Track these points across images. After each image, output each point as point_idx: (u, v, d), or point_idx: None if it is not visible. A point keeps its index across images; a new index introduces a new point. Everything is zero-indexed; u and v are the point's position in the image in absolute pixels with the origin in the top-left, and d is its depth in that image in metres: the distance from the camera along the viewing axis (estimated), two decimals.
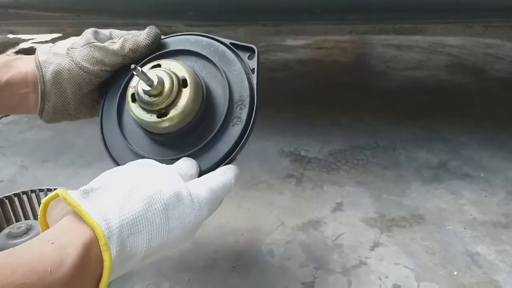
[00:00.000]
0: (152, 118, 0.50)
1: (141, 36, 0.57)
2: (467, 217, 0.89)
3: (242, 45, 0.56)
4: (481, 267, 0.75)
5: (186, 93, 0.50)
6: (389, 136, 1.25)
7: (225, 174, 0.52)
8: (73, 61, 0.55)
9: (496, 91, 1.64)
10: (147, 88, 0.49)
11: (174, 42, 0.59)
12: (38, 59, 0.56)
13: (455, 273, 0.74)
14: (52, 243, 0.37)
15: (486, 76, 1.83)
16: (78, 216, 0.39)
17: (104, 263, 0.39)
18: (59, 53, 0.56)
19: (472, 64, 2.01)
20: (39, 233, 0.71)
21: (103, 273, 0.39)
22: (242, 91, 0.54)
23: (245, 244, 0.82)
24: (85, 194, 0.41)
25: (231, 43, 0.57)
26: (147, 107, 0.50)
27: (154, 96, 0.49)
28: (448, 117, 1.37)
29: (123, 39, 0.56)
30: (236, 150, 0.53)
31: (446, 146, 1.18)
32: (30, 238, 0.70)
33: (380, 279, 0.72)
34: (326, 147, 1.19)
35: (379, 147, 1.19)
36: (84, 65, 0.55)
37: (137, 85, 0.50)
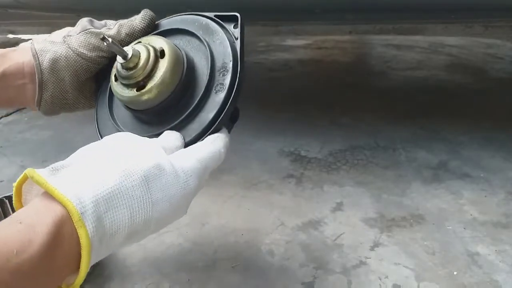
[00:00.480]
0: (132, 92, 0.50)
1: (136, 20, 0.57)
2: (467, 217, 0.89)
3: (226, 15, 0.56)
4: (481, 267, 0.75)
5: (163, 64, 0.50)
6: (389, 136, 1.25)
7: (213, 143, 0.49)
8: (70, 48, 0.54)
9: (496, 91, 1.64)
10: (122, 61, 0.49)
11: (163, 24, 0.59)
12: (35, 48, 0.55)
13: (455, 273, 0.74)
14: (20, 223, 0.35)
15: (486, 76, 1.83)
16: (49, 194, 0.37)
17: (80, 240, 0.36)
18: (56, 41, 0.55)
19: (472, 64, 2.01)
20: None
21: (82, 252, 0.37)
22: (225, 58, 0.53)
23: (245, 244, 0.82)
24: (54, 171, 0.39)
25: (215, 15, 0.56)
26: (126, 81, 0.50)
27: (131, 69, 0.49)
28: (448, 117, 1.37)
29: (118, 24, 0.56)
30: (221, 117, 0.51)
31: (446, 146, 1.18)
32: None
33: (380, 279, 0.72)
34: (326, 147, 1.19)
35: (379, 147, 1.19)
36: (81, 51, 0.54)
37: (116, 62, 0.50)
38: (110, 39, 0.47)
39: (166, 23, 0.59)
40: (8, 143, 1.27)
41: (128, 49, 0.49)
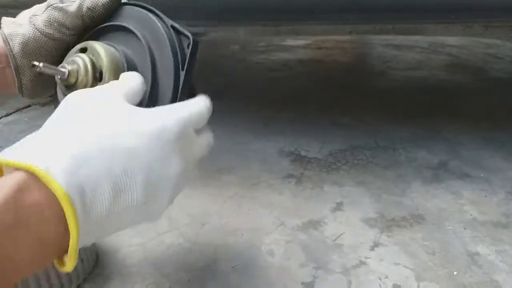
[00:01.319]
0: None
1: None
2: (467, 217, 0.89)
3: (181, 31, 0.51)
4: (481, 267, 0.75)
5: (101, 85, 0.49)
6: (389, 136, 1.25)
7: (194, 103, 0.44)
8: (36, 28, 0.52)
9: (496, 91, 1.64)
10: (59, 81, 0.48)
11: (122, 14, 0.55)
12: (4, 33, 0.53)
13: (455, 273, 0.74)
14: None
15: (486, 76, 1.83)
16: (12, 169, 0.34)
17: (56, 193, 0.32)
18: (22, 23, 0.53)
19: (472, 64, 2.01)
20: None
21: (64, 207, 0.33)
22: (165, 88, 0.48)
23: (245, 244, 0.82)
24: (13, 149, 0.36)
25: (171, 26, 0.51)
26: (66, 93, 0.48)
27: (70, 86, 0.48)
28: (448, 117, 1.37)
29: None
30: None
31: (446, 146, 1.19)
32: None
33: (380, 279, 0.72)
34: (326, 147, 1.19)
35: (379, 147, 1.19)
36: (47, 31, 0.52)
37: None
38: (41, 64, 0.44)
39: (123, 14, 0.54)
40: (8, 143, 1.27)
41: (65, 67, 0.47)
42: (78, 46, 0.50)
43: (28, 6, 0.59)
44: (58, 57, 0.54)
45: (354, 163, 1.11)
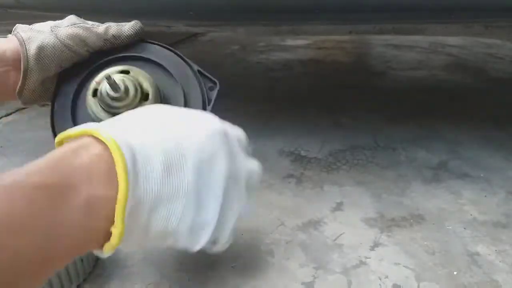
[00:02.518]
0: (107, 117, 0.51)
1: (125, 26, 0.58)
2: (467, 217, 0.89)
3: (206, 75, 0.58)
4: (481, 267, 0.75)
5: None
6: (389, 136, 1.25)
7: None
8: (57, 38, 0.55)
9: (496, 91, 1.64)
10: (112, 93, 0.50)
11: (149, 49, 0.60)
12: (21, 36, 0.55)
13: (455, 273, 0.74)
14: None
15: (486, 76, 1.83)
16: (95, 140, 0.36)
17: (108, 145, 0.34)
18: (43, 31, 0.56)
19: (472, 64, 2.01)
20: None
21: (115, 157, 0.34)
22: None
23: (245, 244, 0.82)
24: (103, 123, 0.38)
25: (198, 70, 0.59)
26: (106, 108, 0.51)
27: (115, 99, 0.50)
28: (448, 117, 1.37)
29: (107, 25, 0.58)
30: None
31: (446, 146, 1.19)
32: None
33: (380, 279, 0.72)
34: (326, 147, 1.19)
35: (379, 147, 1.19)
36: (69, 43, 0.55)
37: (102, 83, 0.51)
38: (113, 78, 0.49)
39: (150, 49, 0.60)
40: (8, 143, 1.27)
41: (120, 84, 0.50)
42: (119, 68, 0.54)
43: (28, 6, 0.59)
44: (66, 69, 0.58)
45: (354, 163, 1.11)
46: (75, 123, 0.57)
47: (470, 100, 1.55)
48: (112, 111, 0.51)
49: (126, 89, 0.50)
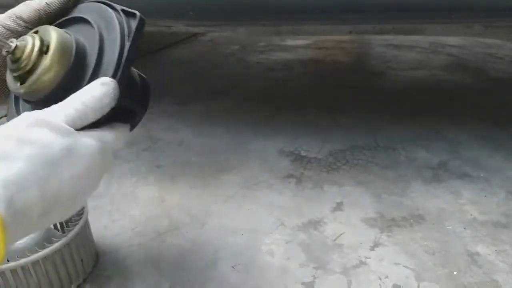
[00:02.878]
0: (16, 85, 0.51)
1: None
2: (467, 217, 0.89)
3: (130, 12, 0.55)
4: (481, 267, 0.75)
5: (46, 60, 0.51)
6: (389, 136, 1.25)
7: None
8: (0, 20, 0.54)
9: (496, 91, 1.64)
10: (10, 56, 0.49)
11: (79, 9, 0.59)
12: None
13: (455, 273, 0.74)
14: None
15: (486, 76, 1.83)
16: None
17: None
18: None
19: (472, 64, 2.01)
20: (40, 233, 0.71)
21: None
22: (110, 61, 0.52)
23: (245, 244, 0.82)
24: None
25: (122, 9, 0.56)
26: (13, 73, 0.51)
27: (15, 61, 0.49)
28: (448, 117, 1.37)
29: None
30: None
31: (446, 146, 1.19)
32: (32, 238, 0.70)
33: (380, 279, 0.72)
34: (326, 147, 1.19)
35: (379, 147, 1.19)
36: (5, 22, 0.54)
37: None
38: None
39: (81, 8, 0.59)
40: None
41: (13, 42, 0.49)
42: (32, 31, 0.53)
43: None
44: None
45: (354, 163, 1.11)
46: (17, 108, 0.57)
47: (470, 100, 1.55)
48: (16, 75, 0.50)
49: (21, 46, 0.49)
